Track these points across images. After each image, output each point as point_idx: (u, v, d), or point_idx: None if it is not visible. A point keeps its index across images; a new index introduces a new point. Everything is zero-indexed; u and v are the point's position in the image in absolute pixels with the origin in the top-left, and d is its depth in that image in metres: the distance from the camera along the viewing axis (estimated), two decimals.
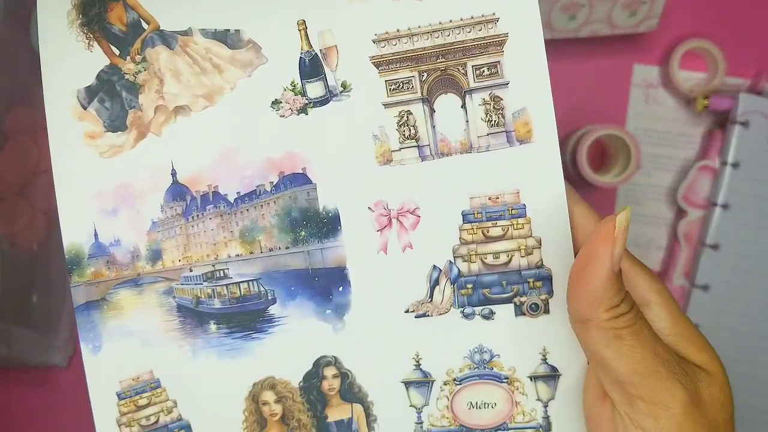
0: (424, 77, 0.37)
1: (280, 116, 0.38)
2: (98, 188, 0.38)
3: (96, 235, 0.38)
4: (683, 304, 0.69)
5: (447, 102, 0.38)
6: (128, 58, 0.38)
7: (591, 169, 0.66)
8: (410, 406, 0.38)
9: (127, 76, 0.38)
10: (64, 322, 0.70)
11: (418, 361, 0.38)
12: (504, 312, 0.38)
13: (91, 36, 0.38)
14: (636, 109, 0.73)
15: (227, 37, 0.38)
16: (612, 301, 0.32)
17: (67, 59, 0.38)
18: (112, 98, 0.38)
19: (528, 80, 0.37)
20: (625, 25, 0.65)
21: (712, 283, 0.68)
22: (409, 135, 0.37)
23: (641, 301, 0.35)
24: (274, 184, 0.38)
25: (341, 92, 0.38)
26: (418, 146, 0.37)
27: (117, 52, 0.38)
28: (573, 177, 0.69)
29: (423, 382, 0.38)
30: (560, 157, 0.37)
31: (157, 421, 0.39)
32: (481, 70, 0.37)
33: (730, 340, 0.69)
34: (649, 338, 0.33)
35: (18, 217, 0.65)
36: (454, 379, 0.38)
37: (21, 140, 0.64)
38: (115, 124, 0.38)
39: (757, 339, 0.69)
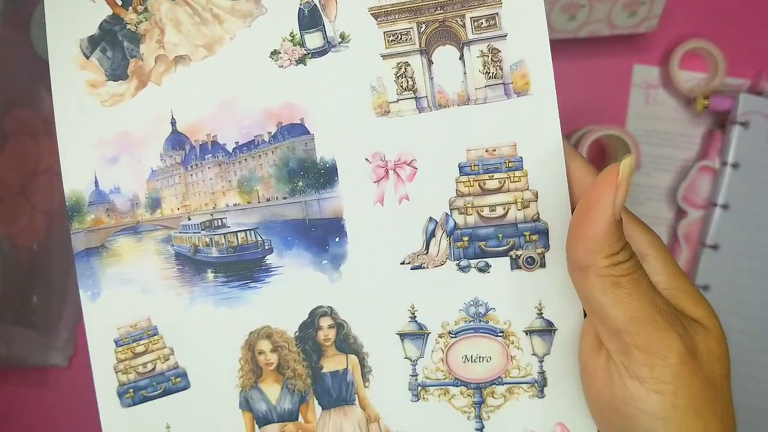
0: (423, 29, 0.38)
1: (279, 66, 0.38)
2: (99, 136, 0.38)
3: (96, 182, 0.38)
4: None
5: (445, 54, 0.38)
6: (130, 8, 0.38)
7: None
8: (405, 358, 0.38)
9: (128, 26, 0.38)
10: (64, 323, 0.70)
11: (413, 313, 0.38)
12: (500, 265, 0.37)
13: None
14: (636, 109, 0.73)
15: None
16: (612, 248, 0.32)
17: (71, 9, 0.39)
18: (114, 48, 0.38)
19: (526, 32, 0.37)
20: (625, 26, 0.65)
21: (712, 284, 0.68)
22: (407, 86, 0.37)
23: (638, 254, 0.35)
24: (273, 134, 0.38)
25: (340, 43, 0.38)
26: (415, 98, 0.37)
27: (119, 2, 0.38)
28: None
29: (418, 335, 0.38)
30: (557, 110, 0.37)
31: (153, 369, 0.39)
32: (480, 21, 0.37)
33: (730, 340, 0.69)
34: (647, 288, 0.32)
35: (18, 218, 0.65)
36: (449, 332, 0.38)
37: (21, 140, 0.65)
38: (117, 73, 0.38)
39: (758, 339, 0.69)
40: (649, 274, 0.34)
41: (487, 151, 0.37)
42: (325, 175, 0.38)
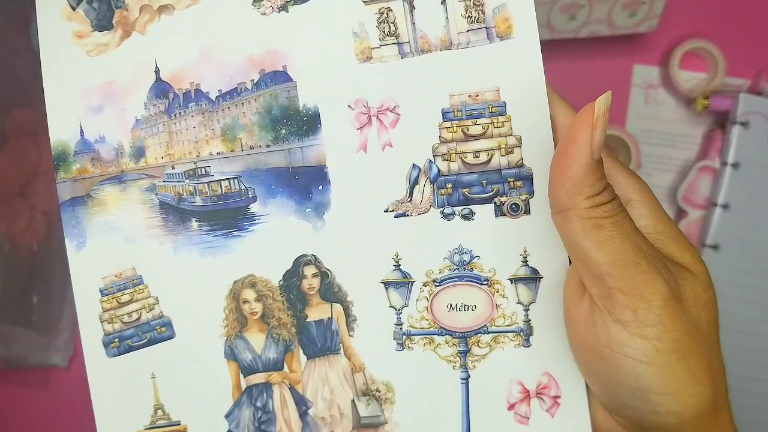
0: None
1: (261, 14, 0.38)
2: (84, 86, 0.38)
3: (82, 131, 0.39)
4: None
5: None
6: None
7: None
8: (390, 306, 0.38)
9: None
10: (64, 323, 0.71)
11: (397, 262, 0.38)
12: (484, 212, 0.37)
13: None
14: (636, 109, 0.73)
15: None
16: (593, 188, 0.31)
17: None
18: None
19: None
20: (625, 26, 0.65)
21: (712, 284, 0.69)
22: (389, 32, 0.37)
23: (623, 199, 0.34)
24: (255, 81, 0.38)
25: None
26: (398, 43, 0.37)
27: None
28: None
29: (402, 283, 0.38)
30: (540, 54, 0.36)
31: (138, 318, 0.39)
32: None
33: (730, 340, 0.70)
34: (630, 230, 0.32)
35: (18, 218, 0.65)
36: (434, 281, 0.38)
37: (21, 141, 0.65)
38: (102, 23, 0.38)
39: (758, 339, 0.69)
40: (634, 219, 0.33)
41: (470, 96, 0.37)
42: (308, 123, 0.38)
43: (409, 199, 0.37)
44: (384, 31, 0.37)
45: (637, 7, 0.63)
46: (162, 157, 0.38)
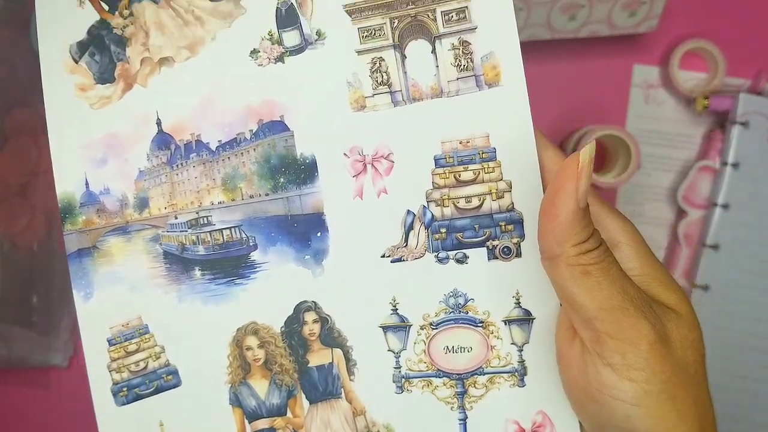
0: (395, 24, 0.38)
1: (258, 65, 0.39)
2: (88, 138, 0.40)
3: (87, 183, 0.40)
4: None
5: (417, 48, 0.38)
6: (117, 13, 0.40)
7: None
8: (388, 350, 0.39)
9: (115, 31, 0.40)
10: (64, 323, 0.70)
11: (395, 306, 0.39)
12: (477, 256, 0.38)
13: None
14: (636, 109, 0.73)
15: None
16: (579, 236, 0.32)
17: (60, 15, 0.40)
18: (102, 52, 0.40)
19: (495, 24, 0.37)
20: (625, 26, 0.65)
21: (712, 284, 0.68)
22: (382, 81, 0.38)
23: (611, 242, 0.35)
24: (254, 131, 0.39)
25: (316, 40, 0.39)
26: (390, 92, 0.38)
27: (106, 7, 0.40)
28: None
29: (400, 327, 0.39)
30: (528, 101, 0.37)
31: (146, 367, 0.40)
32: (450, 15, 0.38)
33: (729, 340, 0.69)
34: (617, 276, 0.32)
35: (18, 218, 0.65)
36: (431, 324, 0.38)
37: (21, 141, 0.65)
38: (104, 76, 0.40)
39: (757, 339, 0.69)
40: (621, 261, 0.34)
41: (461, 142, 0.38)
42: (305, 171, 0.39)
43: (404, 245, 0.38)
44: (377, 80, 0.38)
45: (637, 7, 0.64)
46: (165, 208, 0.40)
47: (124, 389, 0.40)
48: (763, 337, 0.69)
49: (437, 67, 0.38)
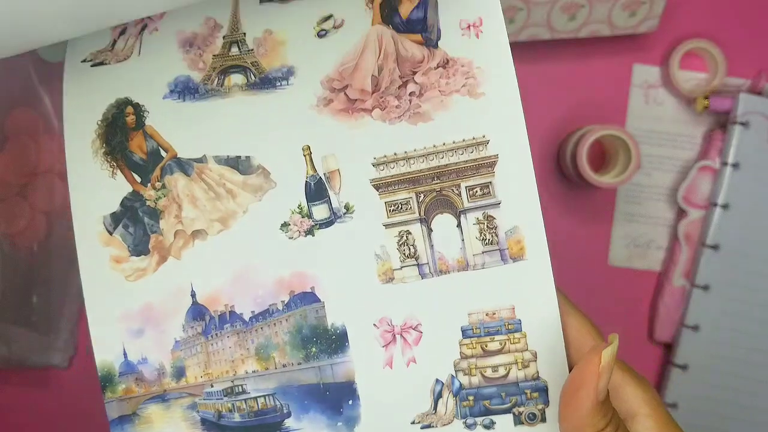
0: (422, 198, 0.40)
1: (289, 238, 0.40)
2: (125, 310, 0.41)
3: (125, 353, 0.41)
4: (683, 305, 0.71)
5: (443, 221, 0.40)
6: (149, 185, 0.41)
7: (591, 169, 0.66)
8: None
9: (148, 203, 0.41)
10: (64, 323, 0.70)
11: None
12: (504, 421, 0.39)
13: (115, 164, 0.41)
14: (636, 109, 0.73)
15: (239, 164, 0.41)
16: (597, 426, 0.34)
17: (93, 187, 0.42)
18: (136, 224, 0.41)
19: (519, 199, 0.39)
20: (625, 26, 0.66)
21: (712, 283, 0.69)
22: (409, 254, 0.40)
23: (630, 412, 0.37)
24: (285, 302, 0.40)
25: (344, 214, 0.40)
26: (417, 264, 0.40)
27: (138, 179, 0.41)
28: (573, 177, 0.70)
29: None
30: (552, 274, 0.38)
31: None
32: (474, 190, 0.39)
33: (730, 340, 0.70)
34: None
35: (18, 218, 0.65)
36: None
37: (21, 141, 0.65)
38: (139, 248, 0.41)
39: (758, 339, 0.69)
40: None
41: (487, 314, 0.39)
42: (336, 341, 0.40)
43: (433, 412, 0.40)
44: (404, 253, 0.40)
45: (637, 7, 0.64)
46: (201, 376, 0.41)
47: None
48: (763, 337, 0.69)
49: (463, 240, 0.39)
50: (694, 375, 0.71)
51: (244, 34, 0.42)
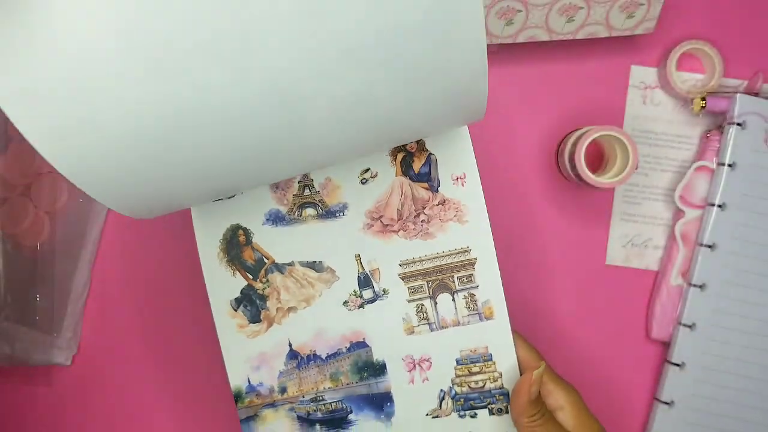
0: (430, 284, 0.65)
1: (348, 310, 0.65)
2: (248, 356, 0.66)
3: (249, 381, 0.67)
4: (680, 304, 0.72)
5: (444, 297, 0.65)
6: (257, 280, 0.66)
7: (588, 169, 0.67)
8: None
9: (258, 291, 0.66)
10: (67, 322, 0.72)
11: None
12: (482, 413, 0.66)
13: (234, 268, 0.66)
14: (633, 110, 0.73)
15: (315, 266, 0.65)
16: (530, 413, 0.60)
17: (222, 283, 0.66)
18: (251, 304, 0.66)
19: (488, 284, 0.64)
20: (622, 27, 0.66)
21: (708, 283, 0.70)
22: (423, 318, 0.65)
23: (557, 405, 0.63)
24: (347, 347, 0.66)
25: (383, 295, 0.65)
26: (428, 323, 0.65)
27: (251, 276, 0.66)
28: (571, 178, 0.71)
29: None
30: (509, 326, 0.64)
31: None
32: (462, 279, 0.65)
33: (726, 338, 0.70)
34: (555, 427, 0.61)
35: (22, 218, 0.66)
36: None
37: (24, 142, 0.63)
38: (254, 319, 0.66)
39: (753, 338, 0.70)
40: (566, 419, 0.63)
41: (471, 351, 0.65)
42: (379, 369, 0.66)
43: (439, 408, 0.66)
44: (419, 317, 0.65)
45: (634, 8, 0.64)
46: (296, 392, 0.67)
47: None
48: (758, 335, 0.69)
49: (456, 309, 0.65)
50: (690, 373, 0.71)
51: (312, 180, 0.65)
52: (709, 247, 0.70)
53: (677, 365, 0.71)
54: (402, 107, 0.42)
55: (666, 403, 0.72)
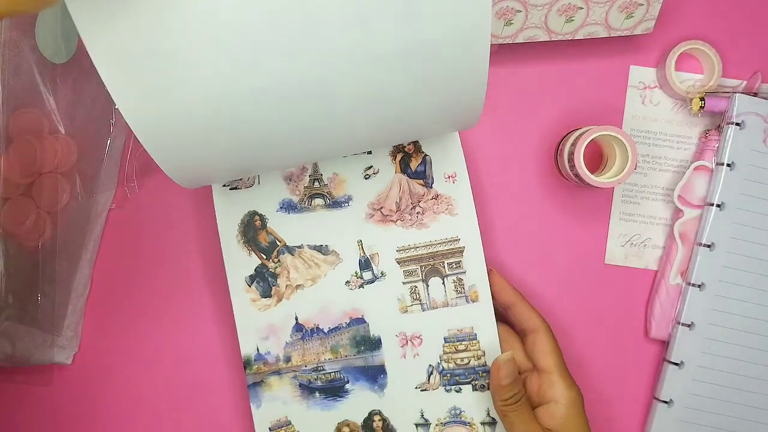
0: (423, 269, 0.73)
1: (350, 289, 0.74)
2: (257, 326, 0.74)
3: (258, 349, 0.75)
4: (679, 303, 0.72)
5: (435, 281, 0.73)
6: (270, 260, 0.74)
7: (588, 169, 0.67)
8: None
9: (270, 269, 0.74)
10: (68, 321, 0.72)
11: (422, 414, 0.74)
12: (467, 388, 0.73)
13: (249, 249, 0.74)
14: (632, 110, 0.73)
15: (321, 249, 0.74)
16: (503, 397, 0.67)
17: (239, 261, 0.74)
18: (263, 281, 0.74)
19: (475, 270, 0.72)
20: (622, 28, 0.66)
21: (707, 282, 0.70)
22: (416, 299, 0.73)
23: (552, 397, 0.64)
24: (347, 323, 0.74)
25: (381, 277, 0.73)
26: (420, 304, 0.73)
27: (264, 256, 0.74)
28: (570, 177, 0.71)
29: (425, 424, 0.74)
30: (492, 309, 0.72)
31: None
32: (452, 264, 0.73)
33: (725, 338, 0.70)
34: (527, 417, 0.68)
35: (23, 218, 0.65)
36: (441, 423, 0.74)
37: (25, 141, 0.64)
38: (266, 294, 0.74)
39: (752, 337, 0.70)
40: (553, 414, 0.65)
41: (458, 330, 0.73)
42: (375, 344, 0.74)
43: (428, 381, 0.74)
44: (413, 298, 0.73)
45: (634, 9, 0.64)
46: (300, 362, 0.75)
47: None
48: (757, 335, 0.70)
49: (445, 291, 0.73)
50: (688, 372, 0.71)
51: (321, 174, 0.74)
52: (708, 246, 0.69)
53: (676, 364, 0.71)
54: (411, 109, 0.49)
55: (665, 402, 0.72)
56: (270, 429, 0.74)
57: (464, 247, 0.71)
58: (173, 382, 0.76)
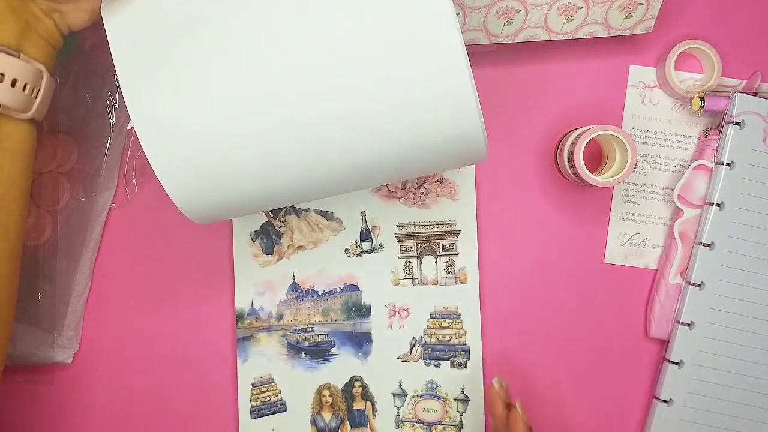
0: (419, 246, 0.78)
1: (348, 257, 0.78)
2: (256, 281, 0.78)
3: (252, 304, 0.78)
4: (678, 302, 0.72)
5: (428, 259, 0.78)
6: (277, 219, 0.79)
7: (588, 168, 0.67)
8: (394, 406, 0.78)
9: (275, 228, 0.79)
10: (68, 321, 0.72)
11: (400, 384, 0.78)
12: (445, 364, 0.77)
13: None
14: (632, 109, 0.73)
15: (327, 215, 0.78)
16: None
17: (248, 220, 0.79)
18: (268, 238, 0.78)
19: (467, 254, 0.77)
20: (621, 27, 0.65)
21: (707, 281, 0.70)
22: (408, 273, 0.78)
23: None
24: (341, 288, 0.78)
25: (379, 248, 0.78)
26: (412, 278, 0.78)
27: (271, 215, 0.79)
28: (570, 177, 0.71)
29: (402, 394, 0.78)
30: (478, 292, 0.77)
31: (269, 399, 0.78)
32: (446, 245, 0.78)
33: (725, 337, 0.70)
34: None
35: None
36: (417, 395, 0.78)
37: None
38: (268, 251, 0.78)
39: (751, 336, 0.70)
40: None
41: (443, 308, 0.77)
42: (364, 311, 0.78)
43: (410, 354, 0.78)
44: (405, 272, 0.78)
45: (633, 8, 0.64)
46: (291, 321, 0.78)
47: (256, 410, 0.78)
48: (756, 334, 0.69)
49: (437, 270, 0.78)
50: (688, 371, 0.71)
51: None
52: (708, 245, 0.69)
53: (675, 363, 0.71)
54: (424, 166, 0.54)
55: (664, 401, 0.71)
56: (252, 385, 0.76)
57: (460, 231, 0.76)
58: (173, 381, 0.77)
